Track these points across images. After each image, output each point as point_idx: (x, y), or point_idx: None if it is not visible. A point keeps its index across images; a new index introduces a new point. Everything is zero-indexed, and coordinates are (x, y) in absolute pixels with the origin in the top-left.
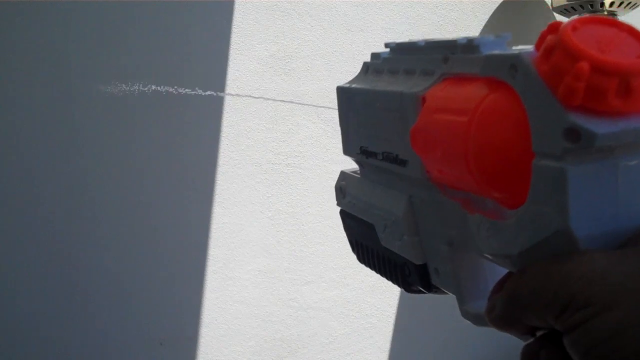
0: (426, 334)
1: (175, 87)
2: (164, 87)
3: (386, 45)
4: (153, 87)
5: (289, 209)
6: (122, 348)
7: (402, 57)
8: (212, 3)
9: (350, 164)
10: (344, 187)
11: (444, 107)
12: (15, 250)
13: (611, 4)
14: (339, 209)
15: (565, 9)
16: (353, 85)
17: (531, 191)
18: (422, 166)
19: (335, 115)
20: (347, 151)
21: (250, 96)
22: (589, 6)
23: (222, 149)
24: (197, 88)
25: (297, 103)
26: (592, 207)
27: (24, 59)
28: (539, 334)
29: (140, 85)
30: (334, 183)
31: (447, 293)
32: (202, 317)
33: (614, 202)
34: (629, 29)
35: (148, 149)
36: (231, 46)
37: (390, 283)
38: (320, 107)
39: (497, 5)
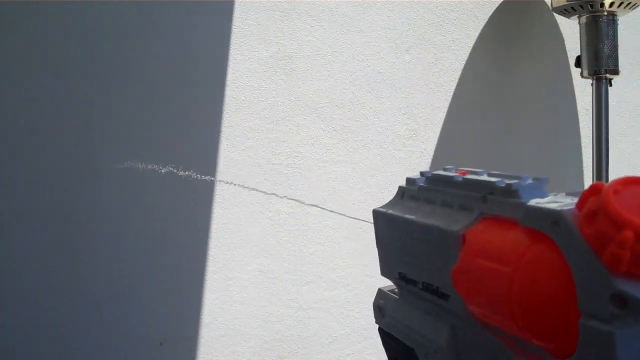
0: None
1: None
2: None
3: (421, 173)
4: (152, 88)
5: (289, 210)
6: (121, 348)
7: (439, 188)
8: (211, 3)
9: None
10: (382, 306)
11: (486, 253)
12: (14, 251)
13: (611, 4)
14: (338, 210)
15: (565, 9)
16: (389, 211)
17: (579, 348)
18: (465, 304)
19: (336, 115)
20: (384, 273)
21: None
22: (589, 6)
23: (222, 149)
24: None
25: None
26: None
27: (23, 59)
28: None
29: (139, 86)
30: (334, 184)
31: None
32: (202, 317)
33: None
34: None
35: (147, 150)
36: (231, 46)
37: (390, 283)
38: None
39: (496, 5)
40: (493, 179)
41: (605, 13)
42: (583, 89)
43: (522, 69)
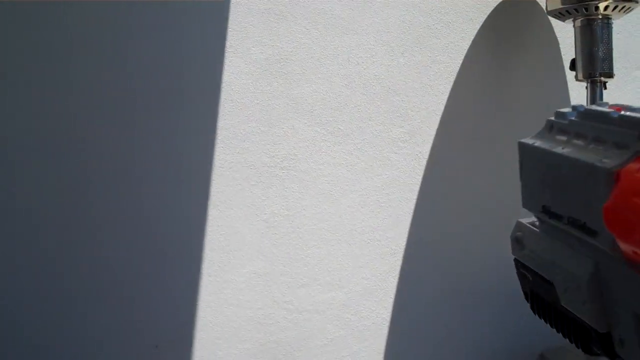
0: (422, 337)
1: None
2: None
3: (573, 107)
4: (147, 90)
5: (284, 212)
6: (116, 351)
7: (591, 123)
8: (207, 5)
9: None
10: (520, 238)
11: None
12: (11, 253)
13: (606, 8)
14: (336, 210)
15: (559, 13)
16: (537, 144)
17: None
18: (614, 241)
19: (331, 117)
20: (527, 205)
21: None
22: (584, 10)
23: (217, 151)
24: None
25: None
26: None
27: (21, 59)
28: None
29: (136, 87)
30: (329, 186)
31: None
32: (197, 319)
33: None
34: None
35: (142, 152)
36: (226, 49)
37: (385, 285)
38: None
39: (491, 8)
40: None
41: (600, 16)
42: (578, 92)
43: (517, 72)
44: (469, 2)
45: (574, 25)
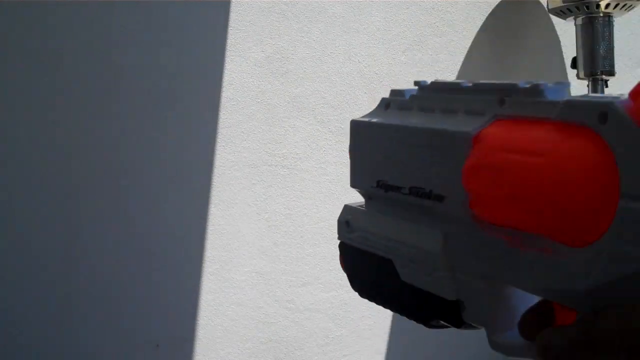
0: (423, 336)
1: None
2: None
3: (416, 83)
4: (148, 89)
5: (285, 211)
6: (118, 350)
7: (439, 96)
8: (208, 4)
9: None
10: (350, 221)
11: (511, 147)
12: (10, 253)
13: (607, 6)
14: (338, 209)
15: (561, 11)
16: (373, 120)
17: (612, 230)
18: (464, 203)
19: (332, 116)
20: (357, 184)
21: None
22: (585, 8)
23: (219, 150)
24: None
25: None
26: None
27: (19, 59)
28: None
29: (135, 87)
30: (330, 185)
31: (476, 328)
32: (198, 318)
33: None
34: None
35: (144, 151)
36: (227, 47)
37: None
38: None
39: (492, 6)
40: (512, 82)
41: (601, 14)
42: (579, 90)
43: (518, 70)
44: (470, 1)
45: (575, 23)
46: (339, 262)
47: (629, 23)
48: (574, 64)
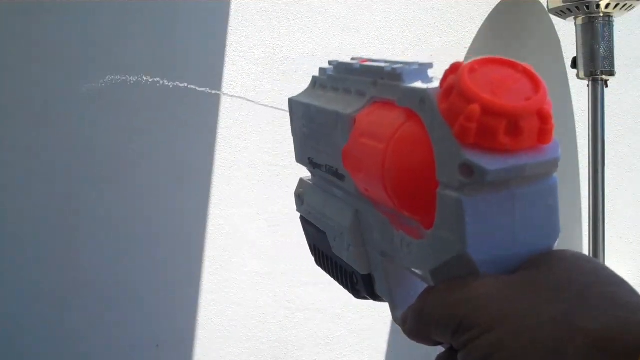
0: None
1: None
2: (159, 80)
3: (330, 62)
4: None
5: (285, 210)
6: (118, 350)
7: (342, 76)
8: (208, 4)
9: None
10: (301, 194)
11: (368, 132)
12: (10, 253)
13: (607, 6)
14: None
15: (561, 11)
16: (300, 99)
17: (437, 217)
18: (354, 183)
19: None
20: (299, 159)
21: (244, 98)
22: (585, 8)
23: (218, 150)
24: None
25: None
26: (490, 234)
27: (22, 61)
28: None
29: (134, 87)
30: None
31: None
32: (198, 319)
33: (511, 230)
34: (524, 70)
35: (143, 151)
36: (227, 48)
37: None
38: None
39: (493, 6)
40: (382, 65)
41: (601, 14)
42: (579, 90)
43: None
44: (470, 1)
45: (575, 23)
46: None
47: (629, 23)
48: (574, 64)
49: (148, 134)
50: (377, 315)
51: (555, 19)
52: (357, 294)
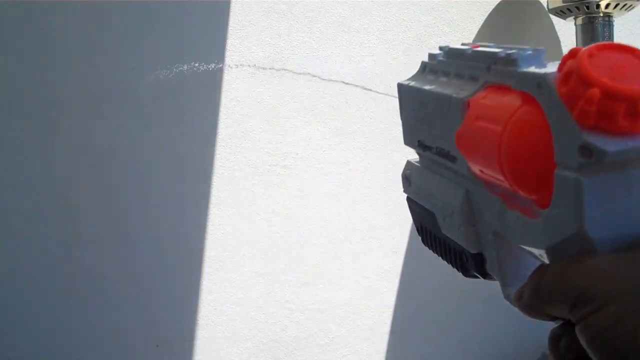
0: (423, 336)
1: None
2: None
3: (440, 48)
4: (148, 89)
5: (285, 211)
6: (118, 350)
7: (453, 61)
8: (208, 4)
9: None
10: (409, 176)
11: (484, 115)
12: (12, 252)
13: (607, 6)
14: (338, 209)
15: (561, 11)
16: (411, 84)
17: (554, 196)
18: (467, 164)
19: (332, 116)
20: (406, 142)
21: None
22: (585, 8)
23: (218, 150)
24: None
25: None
26: (606, 213)
27: (23, 60)
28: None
29: (134, 86)
30: (330, 185)
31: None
32: (198, 319)
33: (627, 209)
34: None
35: (144, 151)
36: (227, 47)
37: (386, 284)
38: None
39: (493, 6)
40: (496, 50)
41: (601, 14)
42: None
43: None
44: (470, 1)
45: (575, 23)
46: (340, 261)
47: (629, 23)
48: None
49: (148, 134)
50: (377, 316)
51: (555, 19)
52: (466, 273)
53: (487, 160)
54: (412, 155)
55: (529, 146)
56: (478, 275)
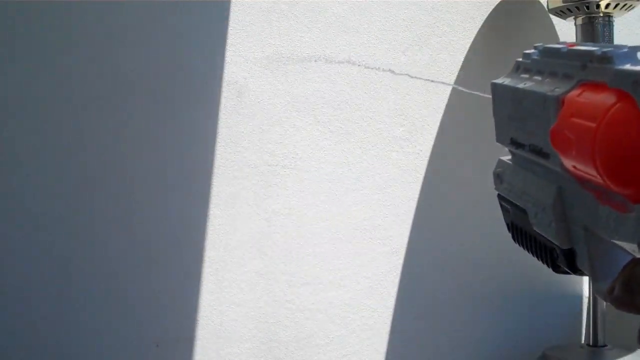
0: (423, 336)
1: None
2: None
3: (535, 47)
4: (147, 89)
5: (285, 211)
6: (117, 350)
7: (548, 60)
8: (208, 4)
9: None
10: (500, 174)
11: (578, 112)
12: (8, 252)
13: (607, 6)
14: (338, 209)
15: (561, 11)
16: (505, 82)
17: None
18: (561, 161)
19: (332, 116)
20: (499, 140)
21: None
22: (585, 8)
23: (218, 150)
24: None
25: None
26: None
27: (22, 61)
28: None
29: (134, 87)
30: (330, 185)
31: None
32: (198, 318)
33: None
34: None
35: (144, 151)
36: (227, 48)
37: (386, 284)
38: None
39: (493, 6)
40: (592, 48)
41: (601, 14)
42: None
43: None
44: (470, 1)
45: (575, 23)
46: (340, 261)
47: (629, 23)
48: None
49: (148, 134)
50: (377, 316)
51: (555, 19)
52: (557, 269)
53: (581, 157)
54: (409, 155)
55: (623, 142)
56: (569, 271)
